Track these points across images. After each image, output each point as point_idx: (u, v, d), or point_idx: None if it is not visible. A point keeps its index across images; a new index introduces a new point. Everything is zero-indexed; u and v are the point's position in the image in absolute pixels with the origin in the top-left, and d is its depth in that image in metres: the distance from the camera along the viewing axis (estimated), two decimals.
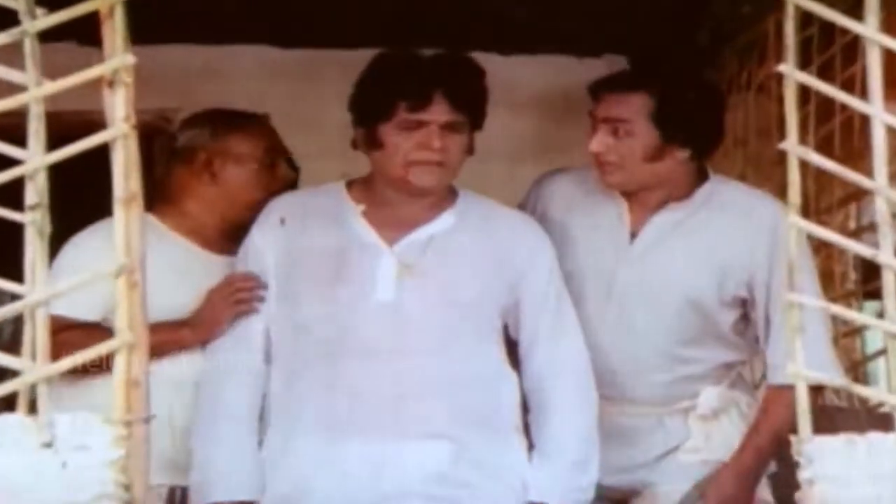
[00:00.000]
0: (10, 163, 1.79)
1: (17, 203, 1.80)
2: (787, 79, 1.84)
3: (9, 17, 1.80)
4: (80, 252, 2.74)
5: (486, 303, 2.69)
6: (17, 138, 1.80)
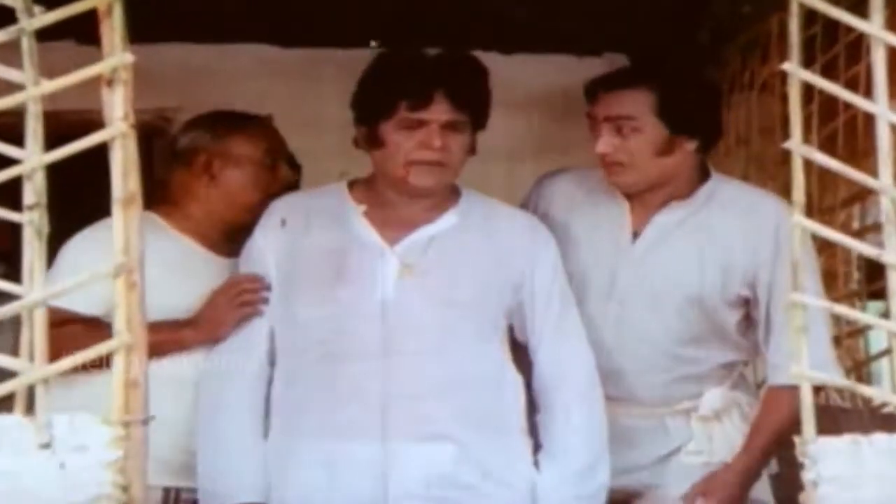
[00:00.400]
0: (8, 162, 1.78)
1: (16, 203, 1.80)
2: (792, 77, 1.83)
3: (6, 16, 1.79)
4: (83, 250, 2.73)
5: (489, 303, 2.68)
6: (15, 138, 1.80)
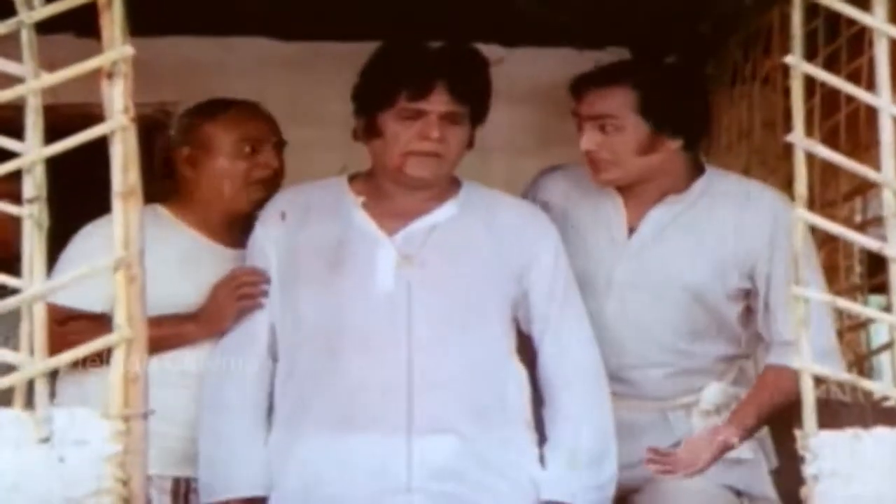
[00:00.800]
0: (7, 156, 1.77)
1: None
2: (794, 70, 1.83)
3: (6, 8, 1.79)
4: (89, 243, 2.72)
5: (490, 293, 2.67)
6: (15, 131, 1.80)
